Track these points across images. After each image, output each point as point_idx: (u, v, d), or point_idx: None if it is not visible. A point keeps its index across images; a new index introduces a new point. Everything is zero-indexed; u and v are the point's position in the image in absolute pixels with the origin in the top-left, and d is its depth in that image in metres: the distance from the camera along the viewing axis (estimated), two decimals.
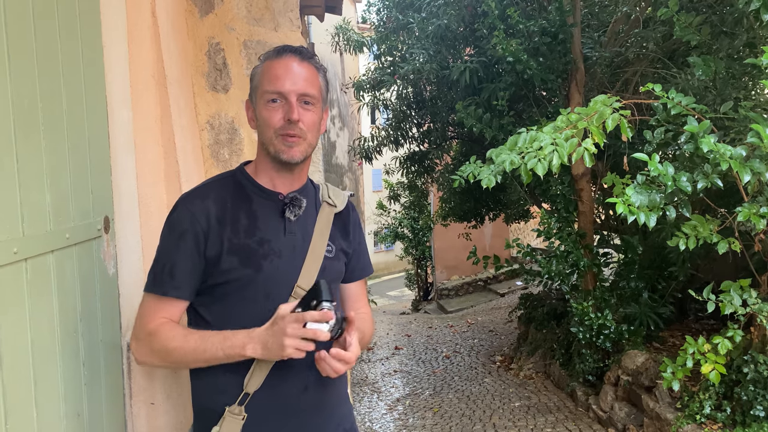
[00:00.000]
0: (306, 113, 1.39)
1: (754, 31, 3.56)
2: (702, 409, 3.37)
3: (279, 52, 1.41)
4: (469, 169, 3.10)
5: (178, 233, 1.37)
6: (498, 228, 13.23)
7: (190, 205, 1.39)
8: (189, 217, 1.37)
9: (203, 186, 1.46)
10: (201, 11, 2.54)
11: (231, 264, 1.35)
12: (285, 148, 1.38)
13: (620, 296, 4.96)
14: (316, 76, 1.42)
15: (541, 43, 4.92)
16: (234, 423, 1.32)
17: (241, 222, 1.39)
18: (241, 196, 1.43)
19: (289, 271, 1.38)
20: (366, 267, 1.62)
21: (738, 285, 2.94)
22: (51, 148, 1.38)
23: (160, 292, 1.37)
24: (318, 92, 1.42)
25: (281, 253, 1.39)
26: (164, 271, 1.37)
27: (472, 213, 8.68)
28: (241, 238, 1.37)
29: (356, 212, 1.62)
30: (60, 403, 1.38)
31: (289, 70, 1.38)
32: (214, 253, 1.35)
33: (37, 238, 1.30)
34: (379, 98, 8.18)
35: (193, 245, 1.36)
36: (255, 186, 1.44)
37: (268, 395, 1.35)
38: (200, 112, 2.54)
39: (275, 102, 1.37)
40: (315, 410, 1.42)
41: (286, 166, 1.42)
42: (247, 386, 1.33)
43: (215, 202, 1.40)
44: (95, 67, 1.67)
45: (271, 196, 1.44)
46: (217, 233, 1.36)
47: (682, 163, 2.97)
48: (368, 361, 8.16)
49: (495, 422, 4.95)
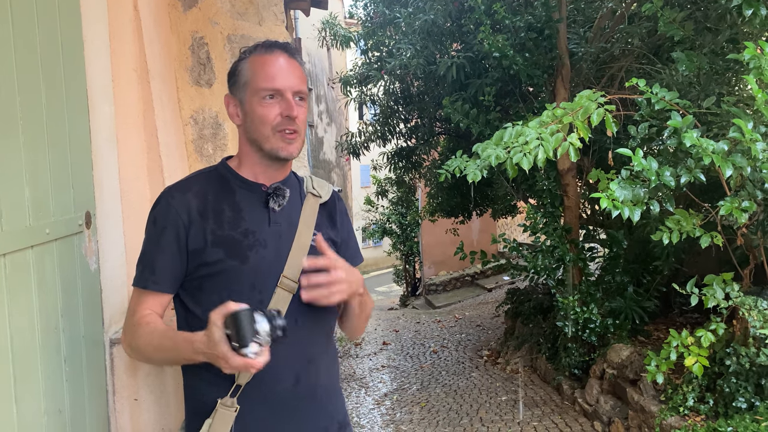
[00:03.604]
0: (300, 109, 1.41)
1: (737, 27, 3.59)
2: (685, 402, 3.40)
3: (267, 48, 1.41)
4: (455, 163, 3.10)
5: (160, 227, 1.38)
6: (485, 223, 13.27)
7: (171, 199, 1.39)
8: (169, 210, 1.38)
9: (185, 180, 1.46)
10: (184, 5, 2.52)
11: (217, 256, 1.35)
12: (284, 144, 1.39)
13: (606, 290, 4.99)
14: (303, 72, 1.45)
15: (527, 38, 4.94)
16: (226, 415, 1.32)
17: (225, 214, 1.39)
18: (225, 188, 1.43)
19: (275, 262, 1.38)
20: (356, 255, 1.61)
21: (721, 279, 2.97)
22: (30, 142, 1.36)
23: (141, 285, 1.39)
24: (307, 89, 1.44)
25: (267, 244, 1.39)
26: (146, 264, 1.39)
27: (460, 208, 8.71)
28: (226, 230, 1.37)
29: (342, 202, 1.62)
30: (41, 399, 1.37)
31: (282, 66, 1.39)
32: (198, 246, 1.36)
33: (16, 233, 1.29)
34: (367, 94, 8.17)
35: (173, 239, 1.36)
36: (238, 178, 1.44)
37: (260, 387, 1.35)
38: (184, 107, 2.52)
39: (272, 98, 1.38)
40: (307, 402, 1.42)
41: (280, 162, 1.43)
42: (239, 378, 1.33)
43: (196, 195, 1.40)
44: (76, 60, 1.65)
45: (254, 187, 1.44)
46: (199, 226, 1.36)
47: (665, 157, 2.99)
48: (356, 356, 8.17)
49: (482, 416, 4.97)
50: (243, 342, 1.14)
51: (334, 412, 1.50)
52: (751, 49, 2.67)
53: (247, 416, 1.35)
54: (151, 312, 1.38)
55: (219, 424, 1.32)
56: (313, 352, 1.43)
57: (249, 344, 1.14)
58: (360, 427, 5.13)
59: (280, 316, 1.19)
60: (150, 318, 1.37)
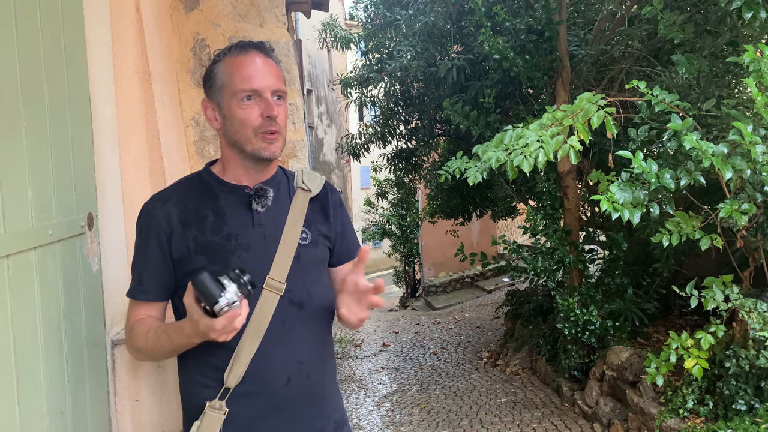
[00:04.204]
0: (280, 108, 1.39)
1: (737, 29, 3.59)
2: (685, 404, 3.41)
3: (243, 49, 1.40)
4: (455, 164, 3.11)
5: (144, 238, 1.39)
6: (485, 225, 13.28)
7: (153, 209, 1.39)
8: (152, 221, 1.38)
9: (167, 189, 1.46)
10: (186, 7, 2.52)
11: (200, 263, 1.34)
12: (266, 145, 1.37)
13: (605, 292, 5.00)
14: (279, 70, 1.43)
15: (528, 40, 4.94)
16: (214, 418, 1.32)
17: (208, 220, 1.38)
18: (207, 194, 1.42)
19: (260, 264, 1.36)
20: (353, 249, 1.57)
21: (720, 281, 2.97)
22: (33, 144, 1.37)
23: (131, 296, 1.41)
24: (284, 87, 1.43)
25: (250, 247, 1.37)
26: (134, 275, 1.41)
27: (460, 210, 8.71)
28: (208, 236, 1.36)
29: (337, 193, 1.58)
30: (43, 400, 1.37)
31: (258, 66, 1.38)
32: (181, 254, 1.36)
33: (19, 234, 1.29)
34: (367, 95, 8.17)
35: (157, 249, 1.37)
36: (220, 183, 1.43)
37: (250, 389, 1.34)
38: (185, 109, 2.52)
39: (249, 99, 1.36)
40: (300, 403, 1.40)
41: (263, 163, 1.42)
42: (227, 381, 1.33)
43: (176, 204, 1.39)
44: (78, 62, 1.66)
45: (236, 190, 1.42)
46: (180, 234, 1.36)
47: (665, 160, 3.00)
48: (355, 357, 8.17)
49: (482, 418, 4.97)
50: (212, 300, 1.17)
51: (330, 412, 1.49)
52: (751, 52, 2.68)
53: (239, 418, 1.34)
54: (146, 316, 1.40)
55: (207, 427, 1.32)
56: (304, 352, 1.41)
57: (218, 300, 1.17)
58: (360, 429, 5.13)
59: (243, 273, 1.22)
60: (143, 319, 1.38)
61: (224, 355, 1.33)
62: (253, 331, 1.33)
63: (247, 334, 1.32)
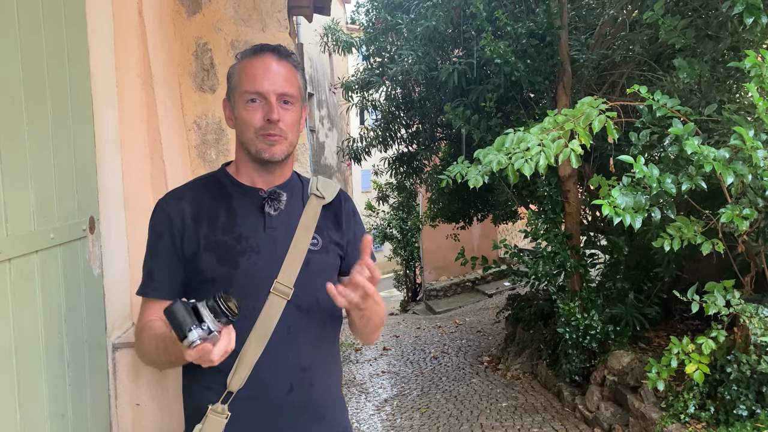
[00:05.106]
0: (286, 113, 1.38)
1: (738, 34, 3.59)
2: (686, 409, 3.40)
3: (257, 51, 1.40)
4: (457, 169, 3.11)
5: (157, 235, 1.38)
6: (486, 229, 13.27)
7: (166, 206, 1.40)
8: (165, 217, 1.38)
9: (182, 187, 1.46)
10: (188, 11, 2.53)
11: (209, 261, 1.34)
12: (266, 146, 1.37)
13: (606, 297, 4.99)
14: (295, 74, 1.42)
15: (529, 45, 4.95)
16: (216, 422, 1.31)
17: (220, 219, 1.38)
18: (221, 194, 1.42)
19: (269, 268, 1.36)
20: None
21: (722, 286, 2.97)
22: (35, 147, 1.37)
23: (142, 293, 1.40)
24: (297, 91, 1.41)
25: (260, 249, 1.37)
26: (146, 272, 1.40)
27: (461, 214, 8.70)
28: (219, 235, 1.36)
29: (351, 202, 1.57)
30: (44, 403, 1.37)
31: (267, 69, 1.37)
32: (192, 251, 1.36)
33: (21, 238, 1.30)
34: (368, 99, 8.18)
35: (170, 246, 1.37)
36: (235, 184, 1.43)
37: (253, 395, 1.34)
38: (187, 113, 2.53)
39: (254, 102, 1.36)
40: (303, 412, 1.39)
41: (267, 165, 1.41)
42: (230, 385, 1.32)
43: (191, 201, 1.40)
44: (81, 66, 1.66)
45: (250, 192, 1.42)
46: (193, 231, 1.36)
47: (667, 164, 3.00)
48: (356, 362, 8.16)
49: (482, 422, 4.96)
50: (180, 334, 1.11)
51: (333, 422, 1.47)
52: (752, 57, 2.68)
53: (240, 423, 1.34)
54: (157, 318, 1.37)
55: (209, 431, 1.31)
56: (308, 360, 1.40)
57: (187, 335, 1.10)
58: None
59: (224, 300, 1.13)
60: (153, 322, 1.36)
61: (228, 358, 1.31)
62: (258, 334, 1.32)
63: (251, 338, 1.32)
